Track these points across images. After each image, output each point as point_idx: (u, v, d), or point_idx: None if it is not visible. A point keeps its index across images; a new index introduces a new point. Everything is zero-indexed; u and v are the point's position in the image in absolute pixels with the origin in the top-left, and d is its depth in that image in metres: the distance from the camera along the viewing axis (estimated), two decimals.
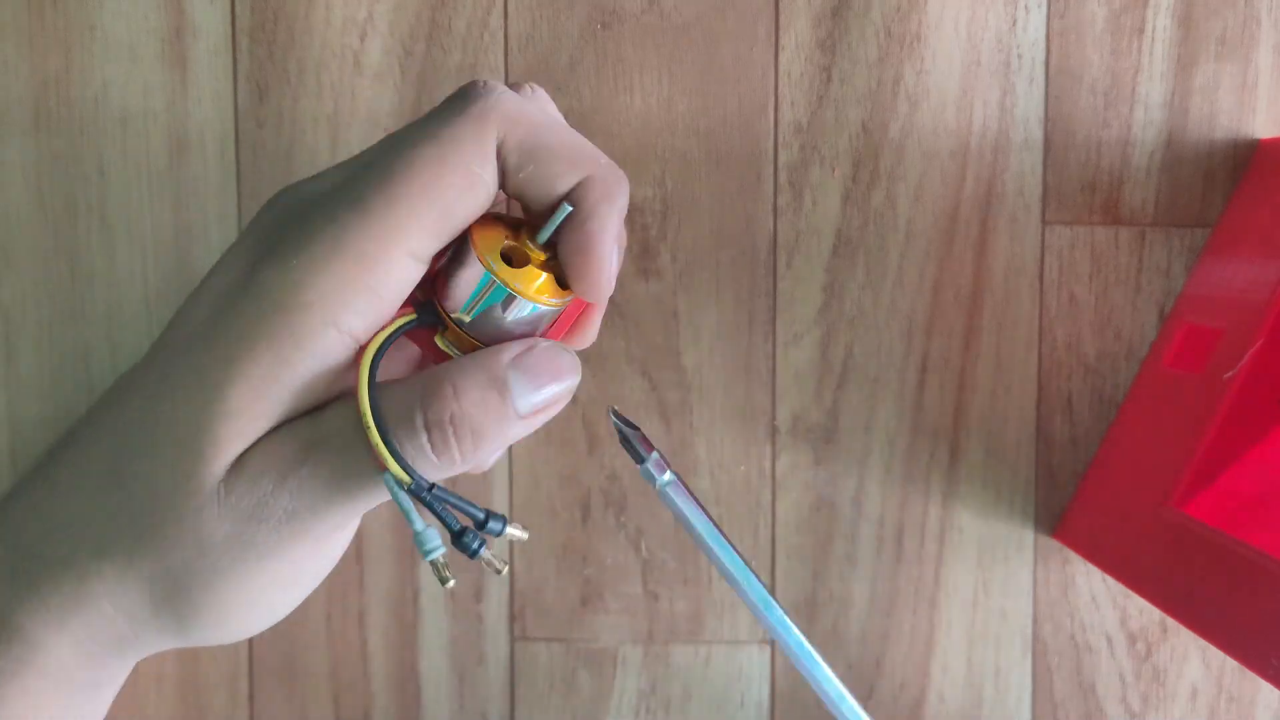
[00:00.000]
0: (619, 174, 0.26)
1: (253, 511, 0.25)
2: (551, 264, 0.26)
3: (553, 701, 0.37)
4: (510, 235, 0.26)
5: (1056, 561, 0.37)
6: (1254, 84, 0.36)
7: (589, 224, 0.25)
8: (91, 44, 0.35)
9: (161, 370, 0.26)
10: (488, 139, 0.25)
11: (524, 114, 0.25)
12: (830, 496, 0.37)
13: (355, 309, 0.24)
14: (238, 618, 0.27)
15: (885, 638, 0.37)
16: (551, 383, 0.26)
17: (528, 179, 0.25)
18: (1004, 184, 0.36)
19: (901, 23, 0.36)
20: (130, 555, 0.26)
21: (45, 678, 0.26)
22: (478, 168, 0.25)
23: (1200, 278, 0.36)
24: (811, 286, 0.36)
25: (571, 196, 0.26)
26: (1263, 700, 0.37)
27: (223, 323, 0.25)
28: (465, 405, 0.25)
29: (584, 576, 0.37)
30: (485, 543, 0.25)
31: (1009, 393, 0.37)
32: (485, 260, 0.25)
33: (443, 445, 0.25)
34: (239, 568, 0.25)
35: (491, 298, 0.26)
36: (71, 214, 0.36)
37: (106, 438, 0.27)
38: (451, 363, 0.26)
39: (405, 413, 0.25)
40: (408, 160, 0.25)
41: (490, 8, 0.36)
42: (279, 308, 0.24)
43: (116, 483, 0.26)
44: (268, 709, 0.37)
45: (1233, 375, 0.31)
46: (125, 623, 0.26)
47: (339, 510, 0.25)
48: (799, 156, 0.36)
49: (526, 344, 0.26)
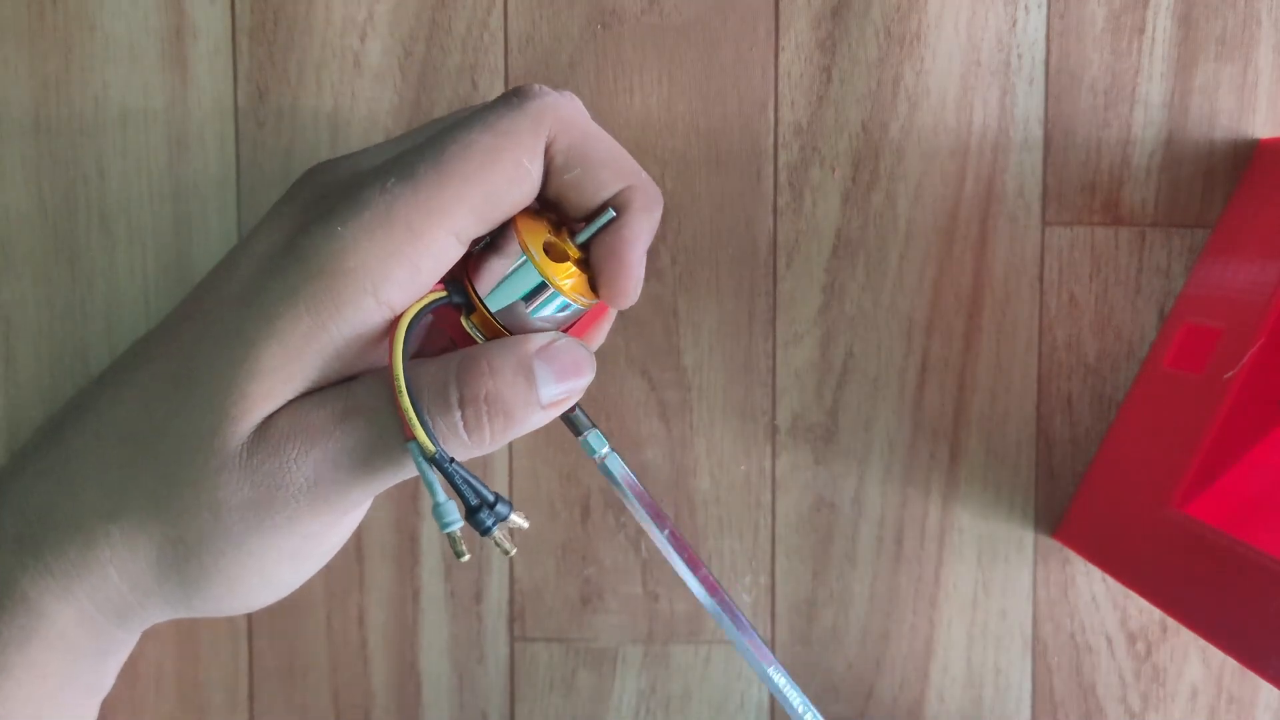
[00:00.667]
0: (656, 189, 0.27)
1: (273, 477, 0.25)
2: (583, 266, 0.27)
3: (553, 701, 0.37)
4: (551, 231, 0.27)
5: (1056, 561, 0.37)
6: (1254, 84, 0.36)
7: (625, 231, 0.26)
8: (91, 44, 0.35)
9: (194, 330, 0.26)
10: (540, 137, 0.26)
11: (576, 119, 0.26)
12: (830, 496, 0.37)
13: (396, 280, 0.25)
14: (244, 589, 0.27)
15: (885, 638, 0.37)
16: (572, 376, 0.27)
17: (572, 181, 0.26)
18: (1004, 184, 0.36)
19: (901, 23, 0.36)
20: (142, 518, 0.26)
21: (50, 648, 0.26)
22: (528, 162, 0.26)
23: (1200, 278, 0.36)
24: (811, 286, 0.36)
25: (613, 203, 0.27)
26: (1263, 700, 0.37)
27: (262, 283, 0.25)
28: (500, 384, 0.25)
29: (584, 576, 0.37)
30: (497, 520, 0.26)
31: (1009, 393, 0.37)
32: (528, 249, 0.26)
33: (475, 423, 0.25)
34: (252, 537, 0.25)
35: (525, 286, 0.26)
36: (71, 213, 0.36)
37: (128, 398, 0.27)
38: (483, 344, 0.26)
39: (439, 388, 0.25)
40: (463, 144, 0.25)
41: (490, 8, 0.36)
42: (322, 272, 0.25)
43: (135, 443, 0.26)
44: (268, 709, 0.37)
45: (1233, 375, 0.31)
46: (130, 590, 0.26)
47: (361, 483, 0.26)
48: (799, 157, 0.36)
49: (551, 336, 0.27)
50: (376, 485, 0.26)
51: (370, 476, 0.26)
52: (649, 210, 0.27)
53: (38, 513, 0.26)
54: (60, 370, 0.36)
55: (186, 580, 0.26)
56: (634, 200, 0.27)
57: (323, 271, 0.25)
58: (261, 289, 0.25)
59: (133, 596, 0.26)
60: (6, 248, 0.36)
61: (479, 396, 0.25)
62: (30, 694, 0.26)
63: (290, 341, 0.25)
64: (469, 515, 0.26)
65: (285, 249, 0.26)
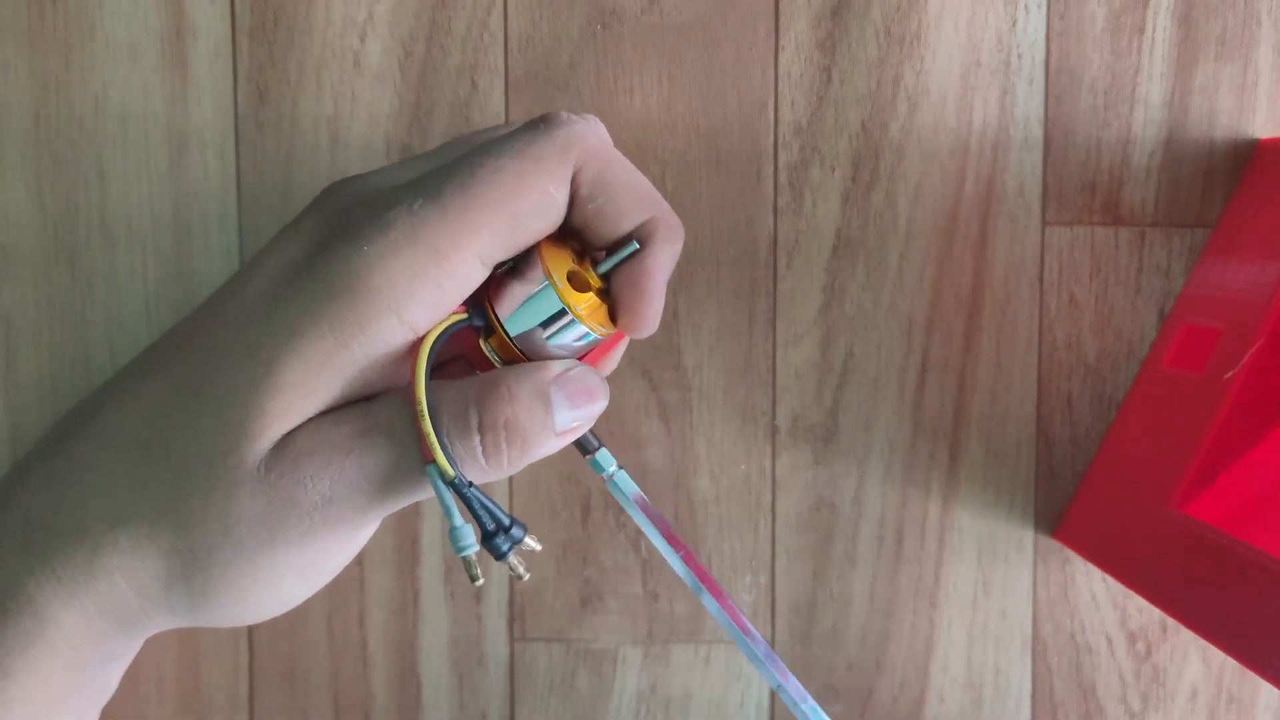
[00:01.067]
0: (678, 221, 0.28)
1: (289, 493, 0.25)
2: (603, 296, 0.27)
3: (553, 702, 0.37)
4: (575, 261, 0.27)
5: (1056, 561, 0.37)
6: (1254, 84, 0.36)
7: (648, 261, 0.27)
8: (91, 44, 0.35)
9: (207, 342, 0.26)
10: (567, 165, 0.26)
11: (603, 150, 0.27)
12: (830, 496, 0.37)
13: (420, 300, 0.25)
14: (251, 602, 0.27)
15: (885, 638, 0.37)
16: (586, 404, 0.27)
17: (597, 211, 0.26)
18: (1004, 184, 0.36)
19: (901, 23, 0.36)
20: (151, 527, 0.25)
21: (55, 654, 0.26)
22: (554, 190, 0.26)
23: (1200, 278, 0.36)
24: (811, 286, 0.36)
25: (636, 235, 0.27)
26: (1263, 700, 0.37)
27: (283, 298, 0.25)
28: (518, 411, 0.25)
29: (584, 577, 0.37)
30: (512, 544, 0.26)
31: (1009, 393, 0.37)
32: (552, 276, 0.26)
33: (494, 449, 0.26)
34: (264, 552, 0.25)
35: (545, 313, 0.26)
36: (71, 216, 0.36)
37: (137, 406, 0.27)
38: (502, 370, 0.26)
39: (459, 412, 0.25)
40: (491, 169, 0.25)
41: (490, 8, 0.36)
42: (347, 290, 0.25)
43: (145, 453, 0.26)
44: (268, 711, 0.37)
45: (1233, 375, 0.31)
46: (136, 598, 0.26)
47: (377, 503, 0.26)
48: (799, 157, 0.36)
49: (567, 364, 0.27)
50: (391, 505, 0.26)
51: (386, 497, 0.26)
52: (671, 242, 0.27)
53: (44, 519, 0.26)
54: (60, 371, 0.36)
55: (194, 591, 0.26)
56: (658, 232, 0.27)
57: (348, 290, 0.25)
58: (282, 304, 0.25)
59: (139, 604, 0.26)
60: (6, 249, 0.36)
61: (498, 422, 0.25)
62: (32, 697, 0.26)
63: (312, 359, 0.25)
64: (485, 540, 0.26)
65: (307, 265, 0.25)
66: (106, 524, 0.26)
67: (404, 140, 0.36)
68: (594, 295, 0.27)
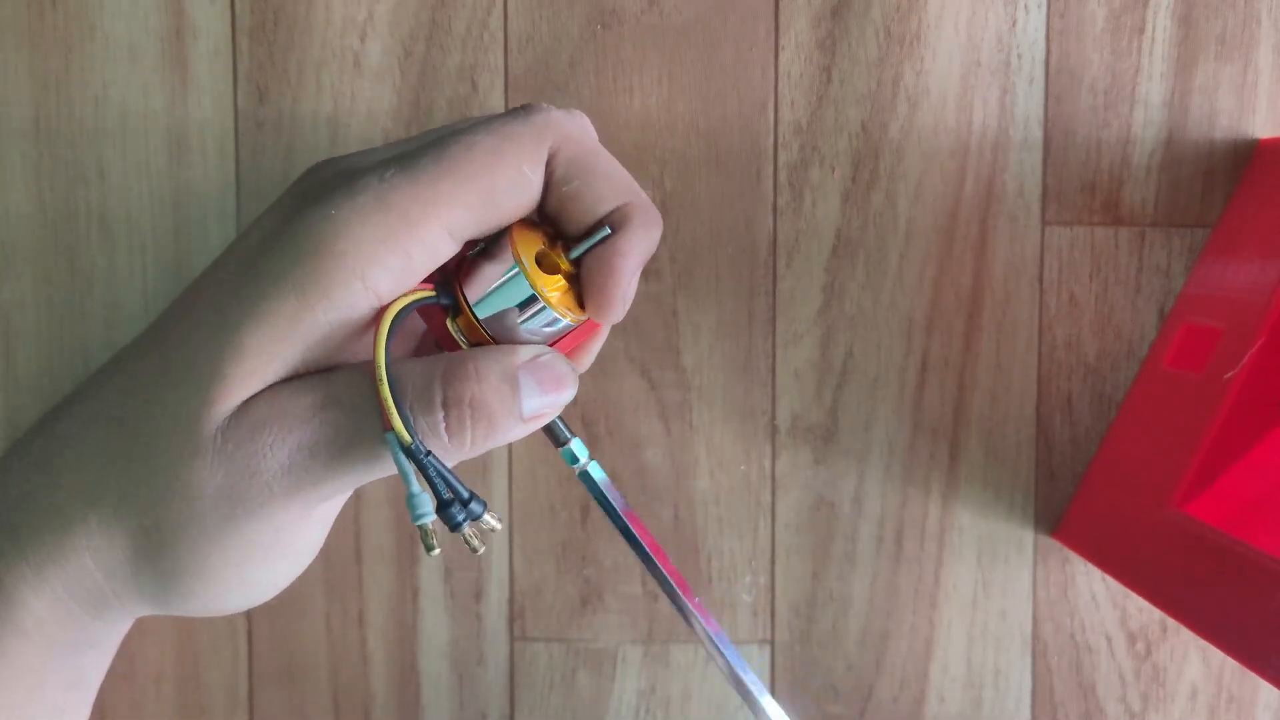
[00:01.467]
0: (656, 211, 0.27)
1: (248, 463, 0.25)
2: (574, 281, 0.27)
3: (553, 702, 0.37)
4: (546, 244, 0.27)
5: (1056, 561, 0.37)
6: (1254, 84, 0.36)
7: (619, 244, 0.26)
8: (91, 44, 0.35)
9: (184, 318, 0.26)
10: (543, 146, 0.26)
11: (579, 135, 0.27)
12: (830, 496, 0.37)
13: (386, 266, 0.25)
14: (218, 583, 0.26)
15: (885, 638, 0.37)
16: (554, 391, 0.26)
17: (571, 194, 0.26)
18: (1004, 184, 0.36)
19: (901, 23, 0.36)
20: (118, 505, 0.25)
21: (24, 637, 0.26)
22: (528, 169, 0.26)
23: (1200, 278, 0.36)
24: (811, 286, 0.36)
25: (609, 220, 0.27)
26: (1263, 700, 0.37)
27: (251, 265, 0.25)
28: (485, 390, 0.25)
29: (584, 576, 0.37)
30: (469, 517, 0.26)
31: (1009, 393, 0.37)
32: (520, 257, 0.26)
33: (458, 427, 0.25)
34: (225, 527, 0.25)
35: (514, 295, 0.26)
36: (71, 214, 0.36)
37: (117, 385, 0.27)
38: (470, 350, 0.26)
39: (424, 386, 0.25)
40: (466, 144, 0.25)
41: (490, 8, 0.36)
42: (313, 253, 0.24)
43: (119, 428, 0.26)
44: (268, 709, 0.37)
45: (1233, 375, 0.31)
46: (105, 579, 0.26)
47: (335, 474, 0.25)
48: (799, 156, 0.36)
49: (538, 349, 0.27)
50: (351, 478, 0.26)
51: (345, 468, 0.25)
52: (646, 228, 0.27)
53: (19, 499, 0.26)
54: (60, 370, 0.36)
55: (160, 571, 0.26)
56: (633, 218, 0.27)
57: (314, 253, 0.24)
58: (250, 272, 0.25)
59: (109, 586, 0.26)
60: (6, 248, 0.36)
61: (464, 400, 0.25)
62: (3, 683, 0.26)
63: (275, 323, 0.24)
64: (440, 509, 0.25)
65: (275, 233, 0.25)
66: (79, 503, 0.26)
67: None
68: (563, 279, 0.27)
